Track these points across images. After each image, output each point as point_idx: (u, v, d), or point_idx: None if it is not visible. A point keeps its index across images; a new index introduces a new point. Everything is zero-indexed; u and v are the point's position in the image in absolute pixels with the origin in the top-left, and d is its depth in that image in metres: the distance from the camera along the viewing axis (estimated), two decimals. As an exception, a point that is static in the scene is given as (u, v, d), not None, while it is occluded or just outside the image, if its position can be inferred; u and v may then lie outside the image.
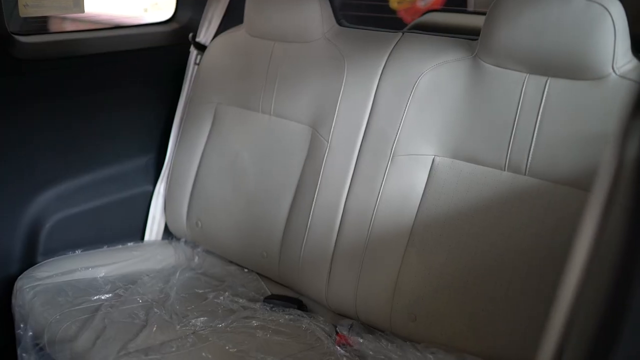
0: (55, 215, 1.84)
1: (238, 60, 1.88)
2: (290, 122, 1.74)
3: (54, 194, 1.84)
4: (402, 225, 1.50)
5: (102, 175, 1.94)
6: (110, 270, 1.80)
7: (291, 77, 1.76)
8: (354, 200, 1.57)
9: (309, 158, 1.69)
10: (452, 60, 1.49)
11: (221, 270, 1.86)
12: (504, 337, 1.36)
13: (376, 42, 1.64)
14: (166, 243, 2.00)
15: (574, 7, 1.28)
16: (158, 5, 2.25)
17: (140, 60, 1.99)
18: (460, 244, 1.42)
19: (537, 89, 1.36)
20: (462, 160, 1.45)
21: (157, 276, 1.80)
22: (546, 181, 1.34)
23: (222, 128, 1.88)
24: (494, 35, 1.39)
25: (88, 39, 1.93)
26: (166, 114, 2.03)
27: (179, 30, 2.07)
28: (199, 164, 1.91)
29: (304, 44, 1.75)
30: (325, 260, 1.62)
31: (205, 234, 1.90)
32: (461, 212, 1.43)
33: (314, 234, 1.64)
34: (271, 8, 1.78)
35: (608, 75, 1.28)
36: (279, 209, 1.73)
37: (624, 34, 1.27)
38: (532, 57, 1.35)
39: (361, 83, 1.61)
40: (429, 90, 1.50)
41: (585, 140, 1.29)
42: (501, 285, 1.36)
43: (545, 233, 1.33)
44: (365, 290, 1.55)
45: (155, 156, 2.04)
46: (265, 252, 1.76)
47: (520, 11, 1.34)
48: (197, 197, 1.91)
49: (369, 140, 1.57)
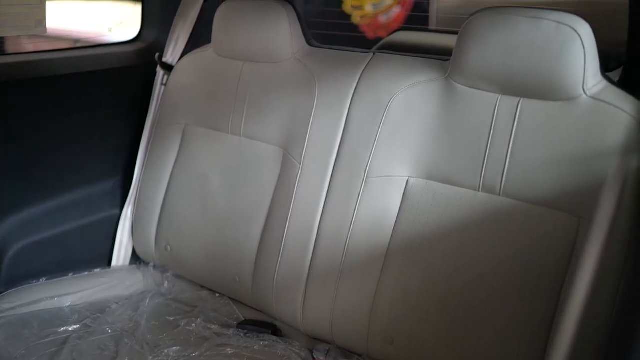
0: (18, 242, 1.77)
1: (206, 81, 1.85)
2: (261, 144, 1.72)
3: (16, 220, 1.78)
4: (378, 247, 1.48)
5: (67, 200, 1.88)
6: (77, 299, 1.74)
7: (261, 97, 1.74)
8: (328, 222, 1.56)
9: (281, 180, 1.66)
10: (424, 81, 1.48)
11: (192, 295, 1.81)
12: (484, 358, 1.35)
13: (347, 62, 1.63)
14: (134, 268, 1.95)
15: (543, 28, 1.29)
16: (123, 24, 2.21)
17: (105, 81, 1.95)
18: (436, 265, 1.42)
19: (509, 110, 1.36)
20: (436, 181, 1.44)
21: (126, 304, 1.75)
22: (521, 201, 1.34)
23: (190, 149, 1.85)
24: (466, 56, 1.40)
25: (51, 60, 1.88)
26: (132, 135, 1.99)
27: (145, 50, 2.03)
28: (167, 187, 1.87)
29: (274, 64, 1.73)
30: (300, 284, 1.59)
31: (175, 258, 1.86)
32: (436, 233, 1.43)
33: (288, 256, 1.62)
34: (239, 28, 1.75)
35: (579, 97, 1.29)
36: (251, 232, 1.70)
37: (594, 55, 1.28)
38: (504, 78, 1.36)
39: (333, 104, 1.59)
40: (401, 111, 1.49)
41: (558, 161, 1.30)
42: (479, 306, 1.36)
43: (521, 253, 1.33)
44: (341, 314, 1.53)
45: (121, 179, 1.99)
46: (237, 276, 1.73)
47: (491, 32, 1.35)
48: (166, 221, 1.87)
49: (342, 161, 1.56)
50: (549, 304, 1.29)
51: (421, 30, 3.29)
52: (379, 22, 4.04)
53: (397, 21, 3.95)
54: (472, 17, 1.38)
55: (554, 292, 1.28)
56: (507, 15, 1.33)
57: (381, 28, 3.97)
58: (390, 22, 3.97)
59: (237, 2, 1.79)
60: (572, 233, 1.27)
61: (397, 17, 3.97)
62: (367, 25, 3.99)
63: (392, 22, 3.96)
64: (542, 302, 1.29)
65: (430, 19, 3.64)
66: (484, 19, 1.36)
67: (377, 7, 3.84)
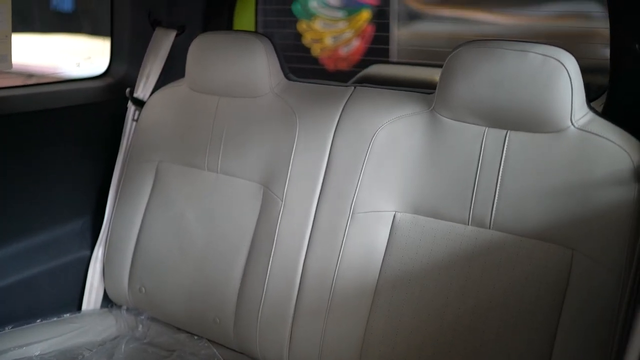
0: None
1: (180, 116, 1.80)
2: (240, 180, 1.67)
3: (-21, 265, 1.69)
4: (366, 284, 1.45)
5: (33, 242, 1.79)
6: (47, 347, 1.66)
7: (239, 133, 1.70)
8: (314, 259, 1.52)
9: (262, 217, 1.62)
10: (408, 114, 1.47)
11: (169, 339, 1.74)
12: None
13: (327, 96, 1.61)
14: (106, 312, 1.86)
15: (530, 61, 1.30)
16: (91, 60, 2.14)
17: (74, 117, 1.88)
18: (428, 302, 1.39)
19: (497, 143, 1.36)
20: (424, 215, 1.43)
21: (99, 350, 1.67)
22: (512, 234, 1.33)
23: (165, 187, 1.79)
24: (452, 89, 1.39)
25: (15, 97, 1.81)
26: (103, 173, 1.92)
27: (115, 85, 1.97)
28: (140, 226, 1.80)
29: (252, 99, 1.70)
30: (286, 323, 1.54)
31: (150, 300, 1.78)
32: (426, 269, 1.40)
33: (272, 295, 1.57)
34: (215, 62, 1.72)
35: (567, 129, 1.30)
36: (231, 271, 1.65)
37: (580, 87, 1.29)
38: (491, 111, 1.36)
39: (315, 139, 1.57)
40: (386, 145, 1.48)
41: (548, 193, 1.30)
42: (473, 341, 1.33)
43: (513, 286, 1.31)
44: (330, 353, 1.48)
45: (91, 219, 1.92)
46: (217, 317, 1.67)
47: (477, 65, 1.35)
48: (139, 261, 1.79)
49: (326, 197, 1.53)
50: (544, 338, 1.27)
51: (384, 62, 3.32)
52: (339, 54, 4.07)
53: (357, 53, 3.99)
54: (458, 50, 1.38)
55: (550, 326, 1.27)
56: (493, 48, 1.34)
57: (341, 60, 4.00)
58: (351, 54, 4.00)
59: (212, 35, 1.76)
60: (566, 265, 1.27)
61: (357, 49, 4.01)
62: (328, 58, 4.01)
63: (352, 54, 4.00)
64: (538, 337, 1.28)
65: (390, 51, 3.69)
66: (470, 51, 1.36)
67: (337, 39, 3.87)
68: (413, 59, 3.30)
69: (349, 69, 3.72)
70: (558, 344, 1.26)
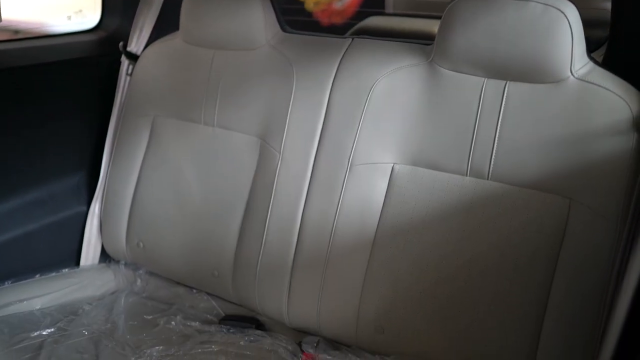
0: None
1: (175, 70, 1.78)
2: (237, 134, 1.66)
3: (-24, 222, 1.68)
4: (364, 236, 1.46)
5: (30, 198, 1.78)
6: (47, 302, 1.67)
7: (235, 86, 1.68)
8: (312, 212, 1.52)
9: (259, 170, 1.62)
10: (407, 65, 1.46)
11: (168, 292, 1.76)
12: (477, 344, 1.35)
13: (325, 48, 1.59)
14: (104, 267, 1.87)
15: (530, 11, 1.28)
16: (82, 13, 2.10)
17: (66, 72, 1.84)
18: (426, 252, 1.40)
19: (496, 93, 1.36)
20: (422, 167, 1.43)
21: (99, 304, 1.68)
22: (510, 185, 1.34)
23: (161, 142, 1.78)
24: (450, 40, 1.38)
25: (5, 51, 1.77)
26: (98, 128, 1.90)
27: (107, 39, 1.94)
28: (137, 181, 1.80)
29: (247, 52, 1.67)
30: (284, 276, 1.56)
31: (148, 254, 1.79)
32: (424, 220, 1.41)
33: (270, 248, 1.57)
34: (209, 14, 1.69)
35: (567, 79, 1.29)
36: (229, 225, 1.65)
37: (580, 37, 1.28)
38: (490, 62, 1.35)
39: (312, 91, 1.55)
40: (384, 97, 1.47)
41: (547, 143, 1.30)
42: (471, 291, 1.35)
43: (511, 236, 1.33)
44: (328, 305, 1.50)
45: (87, 174, 1.90)
46: (216, 270, 1.68)
47: (475, 15, 1.34)
48: (137, 216, 1.79)
49: (324, 149, 1.52)
50: (541, 285, 1.29)
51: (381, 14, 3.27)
52: (333, 8, 4.01)
53: (352, 6, 3.94)
54: (456, 0, 1.37)
55: (546, 274, 1.29)
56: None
57: (335, 14, 3.94)
58: (345, 8, 3.95)
59: None
60: (563, 214, 1.28)
61: (352, 3, 3.96)
62: (322, 12, 3.96)
63: (347, 7, 3.95)
64: (535, 284, 1.30)
65: (386, 3, 3.63)
66: (469, 2, 1.35)
67: (331, -8, 3.82)
68: (410, 11, 3.25)
69: (344, 23, 3.68)
70: (554, 292, 1.28)
